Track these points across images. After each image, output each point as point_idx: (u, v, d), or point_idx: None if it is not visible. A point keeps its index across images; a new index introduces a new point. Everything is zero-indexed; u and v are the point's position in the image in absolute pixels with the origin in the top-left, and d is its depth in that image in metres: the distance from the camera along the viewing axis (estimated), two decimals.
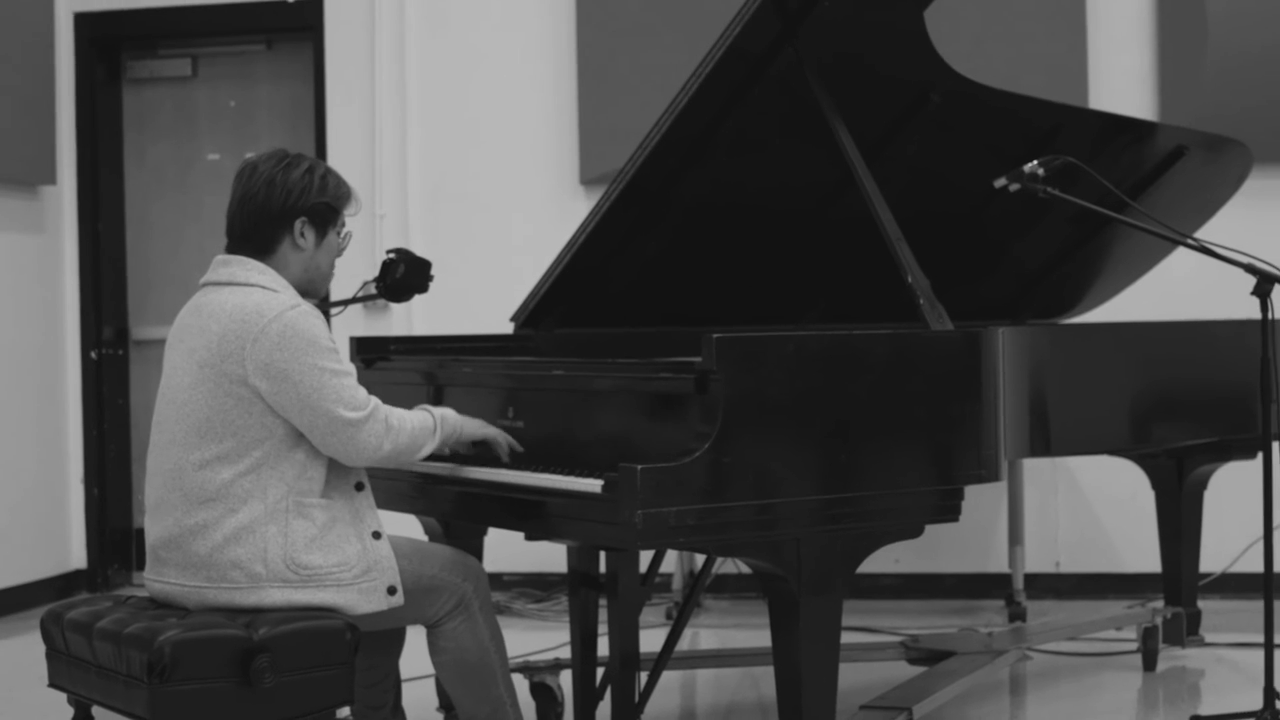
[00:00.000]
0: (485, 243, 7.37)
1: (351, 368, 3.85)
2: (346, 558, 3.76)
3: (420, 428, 3.90)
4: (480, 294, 6.95)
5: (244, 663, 3.57)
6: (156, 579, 3.84)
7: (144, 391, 7.86)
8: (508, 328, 5.13)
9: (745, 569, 6.98)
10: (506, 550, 4.70)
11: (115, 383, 7.83)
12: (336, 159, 7.28)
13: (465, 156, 7.47)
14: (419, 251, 4.71)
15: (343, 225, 3.97)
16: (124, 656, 3.61)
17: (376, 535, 3.84)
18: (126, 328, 7.87)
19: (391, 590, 3.81)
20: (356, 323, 7.14)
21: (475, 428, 4.06)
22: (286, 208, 3.86)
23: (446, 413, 3.99)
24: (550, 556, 5.94)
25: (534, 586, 7.22)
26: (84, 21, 7.69)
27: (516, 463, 4.07)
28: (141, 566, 7.67)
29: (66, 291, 7.69)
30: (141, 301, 7.89)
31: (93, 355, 7.72)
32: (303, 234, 3.88)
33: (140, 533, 7.80)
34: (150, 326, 7.87)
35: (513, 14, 7.43)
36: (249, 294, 3.78)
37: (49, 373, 7.56)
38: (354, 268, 5.66)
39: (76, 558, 7.70)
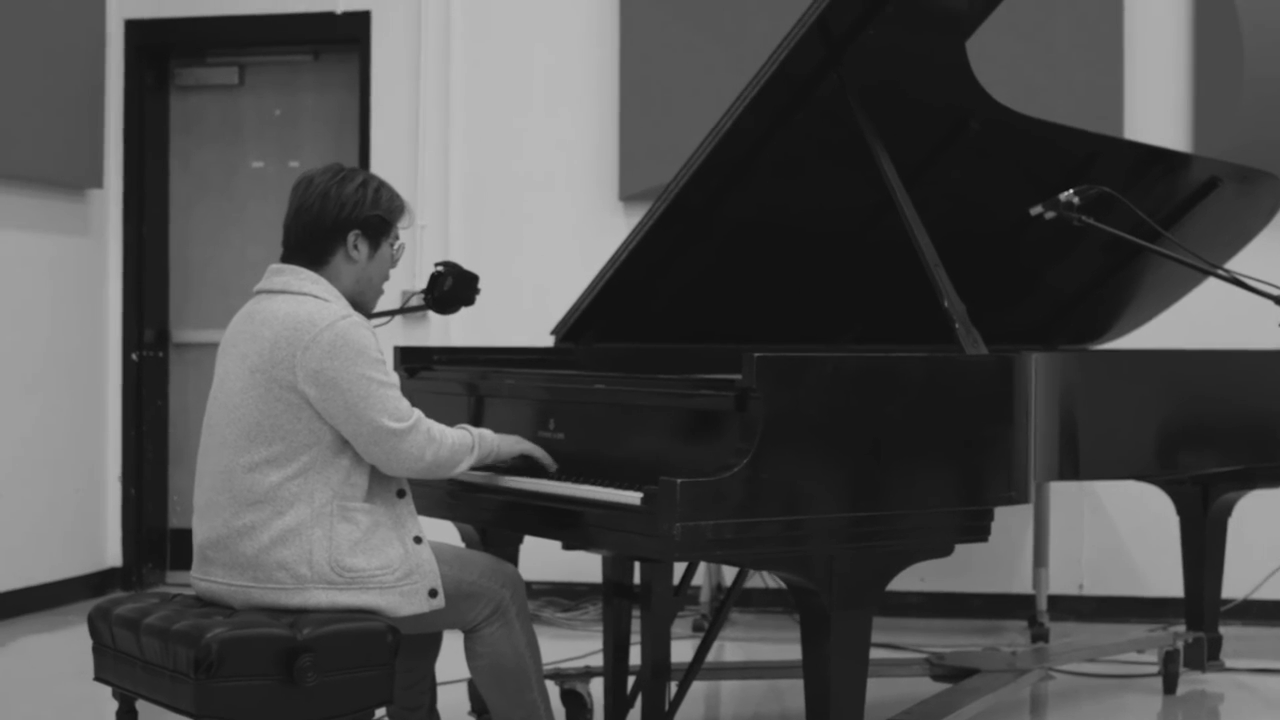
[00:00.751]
0: (524, 256, 7.45)
1: (396, 379, 3.93)
2: (389, 561, 3.85)
3: (459, 444, 3.98)
4: (517, 307, 7.04)
5: (288, 661, 3.65)
6: (203, 578, 3.93)
7: (182, 394, 7.97)
8: (544, 340, 5.22)
9: (772, 584, 7.07)
10: (536, 560, 4.80)
11: (155, 384, 7.93)
12: (380, 169, 7.38)
13: (507, 170, 7.55)
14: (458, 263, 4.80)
15: (396, 237, 4.06)
16: (171, 652, 3.69)
17: (418, 540, 3.93)
18: (167, 330, 7.98)
19: (433, 593, 3.90)
20: (395, 332, 7.22)
21: (511, 444, 4.15)
22: (341, 220, 3.96)
23: (484, 432, 4.08)
24: (578, 567, 6.04)
25: (563, 596, 7.30)
26: (134, 29, 7.81)
27: (556, 474, 4.16)
28: (176, 566, 7.85)
29: (110, 293, 7.80)
30: (182, 305, 8.00)
31: (134, 357, 7.82)
32: (356, 246, 3.97)
33: (175, 532, 7.94)
34: (190, 330, 7.97)
35: (557, 30, 7.52)
36: (302, 303, 3.87)
37: (91, 373, 7.68)
38: (393, 277, 5.75)
39: (112, 556, 7.80)
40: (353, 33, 7.66)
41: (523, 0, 7.57)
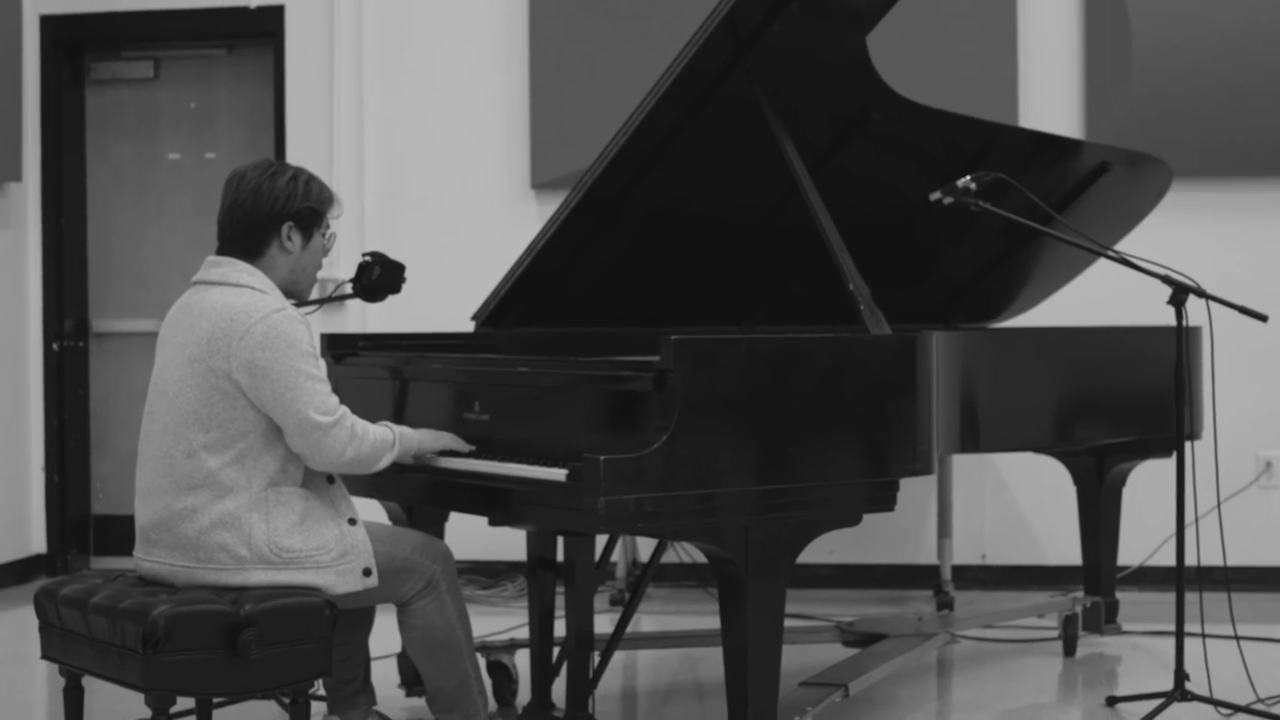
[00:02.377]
0: (438, 244, 7.53)
1: (326, 374, 4.08)
2: (325, 542, 4.02)
3: (380, 441, 4.12)
4: (433, 294, 7.17)
5: (231, 636, 3.81)
6: (146, 558, 4.08)
7: (103, 382, 8.06)
8: (460, 326, 5.35)
9: (686, 559, 7.26)
10: (457, 539, 4.92)
11: (75, 374, 8.00)
12: (296, 161, 7.26)
13: (420, 161, 7.65)
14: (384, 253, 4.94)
15: (327, 227, 4.22)
16: (119, 629, 3.84)
17: (352, 522, 4.10)
18: (87, 320, 8.05)
19: (367, 572, 4.07)
20: (314, 320, 7.32)
21: (430, 440, 4.29)
22: (274, 213, 4.11)
23: (405, 430, 4.22)
24: (497, 545, 6.21)
25: (482, 574, 7.44)
26: (50, 24, 7.86)
27: (482, 453, 4.32)
28: (99, 551, 7.95)
29: (30, 285, 7.86)
30: (101, 295, 8.07)
31: (54, 347, 7.89)
32: (290, 237, 4.13)
33: (98, 518, 8.04)
34: (110, 320, 8.06)
35: (468, 24, 7.61)
36: (239, 294, 4.02)
37: (13, 363, 7.75)
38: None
39: (37, 542, 7.87)
40: (267, 27, 7.74)
41: None
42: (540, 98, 7.48)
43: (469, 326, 5.31)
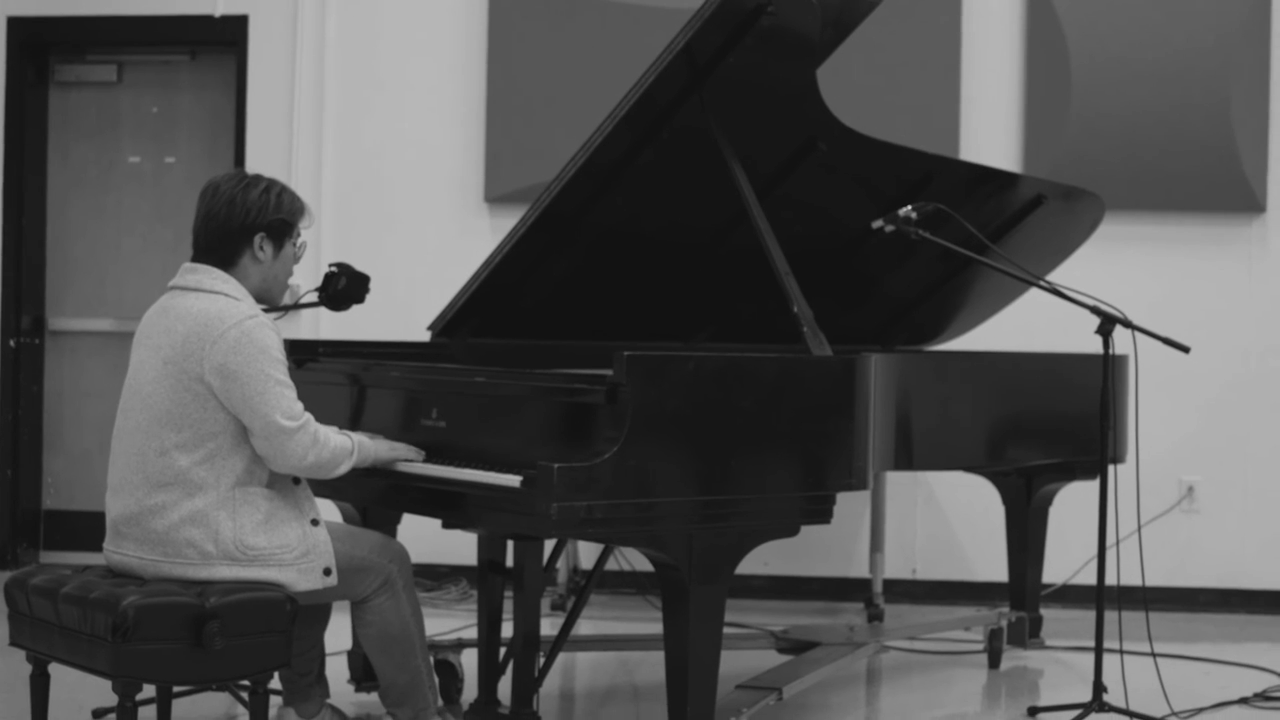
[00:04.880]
0: (393, 254, 7.61)
1: (291, 381, 4.23)
2: (288, 541, 4.20)
3: (340, 449, 4.29)
4: (386, 303, 7.29)
5: (197, 627, 3.99)
6: (116, 551, 4.24)
7: (57, 379, 8.17)
8: (409, 334, 5.49)
9: (626, 566, 7.44)
10: (402, 542, 5.09)
11: (31, 370, 8.10)
12: (255, 168, 7.41)
13: (377, 172, 7.75)
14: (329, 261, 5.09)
15: (298, 236, 4.40)
16: (89, 618, 4.01)
17: (315, 522, 4.28)
18: (44, 318, 8.15)
19: (327, 571, 4.25)
20: None
21: (386, 451, 4.46)
22: (247, 224, 4.28)
23: (363, 439, 4.40)
24: (441, 549, 6.36)
25: (426, 577, 7.56)
26: (16, 26, 7.98)
27: (439, 459, 4.48)
28: (49, 546, 8.06)
29: None
30: (59, 294, 8.18)
31: (11, 344, 8.00)
32: (262, 247, 4.30)
33: (49, 514, 8.16)
34: (66, 318, 8.16)
35: (428, 39, 7.73)
36: (213, 300, 4.20)
37: None
38: None
39: None
40: (230, 35, 7.86)
41: (396, 9, 7.77)
42: (496, 113, 7.61)
43: (419, 335, 5.44)
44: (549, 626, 5.28)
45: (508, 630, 4.97)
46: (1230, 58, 7.36)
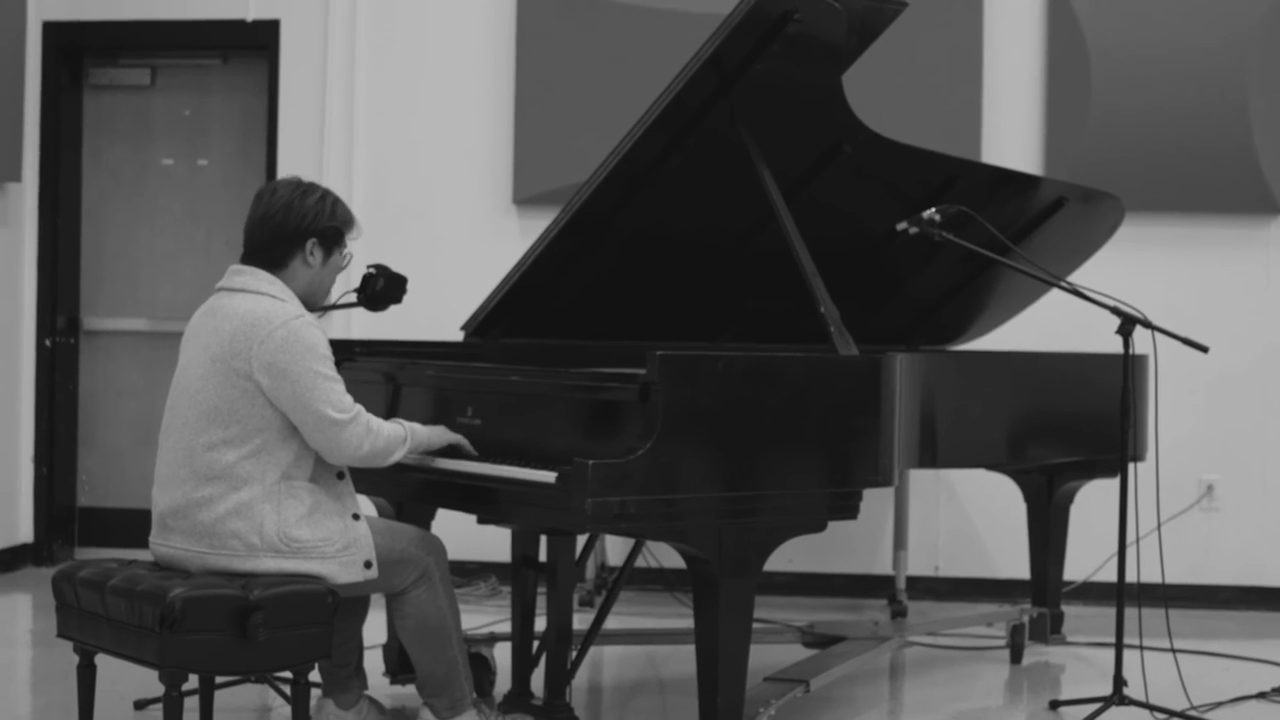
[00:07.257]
0: (421, 255, 7.62)
1: (339, 375, 4.34)
2: (330, 534, 4.31)
3: (394, 436, 4.41)
4: (415, 303, 7.36)
5: (241, 618, 4.09)
6: (163, 543, 4.36)
7: (91, 378, 8.27)
8: (440, 335, 5.56)
9: (654, 563, 7.52)
10: None
11: (66, 369, 8.20)
12: (287, 170, 7.56)
13: (407, 174, 7.83)
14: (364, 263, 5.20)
15: (345, 246, 4.53)
16: (136, 610, 4.11)
17: (356, 517, 4.39)
18: (78, 318, 8.24)
19: (368, 564, 4.35)
20: None
21: (439, 436, 4.57)
22: (301, 229, 4.41)
23: (415, 426, 4.51)
24: (471, 546, 6.48)
25: (456, 573, 7.54)
26: (52, 30, 8.08)
27: (473, 456, 4.59)
28: (84, 543, 8.18)
29: (25, 282, 8.05)
30: (93, 294, 8.27)
31: (47, 343, 8.09)
32: (313, 252, 4.43)
33: (84, 510, 8.26)
34: (100, 318, 8.26)
35: (457, 41, 7.82)
36: (260, 301, 4.31)
37: (6, 357, 7.93)
38: None
39: (24, 532, 8.05)
40: (262, 39, 7.95)
41: (425, 12, 7.86)
42: (525, 116, 7.69)
43: (446, 334, 5.54)
44: (578, 621, 5.36)
45: (539, 625, 5.06)
46: (1248, 59, 7.42)
